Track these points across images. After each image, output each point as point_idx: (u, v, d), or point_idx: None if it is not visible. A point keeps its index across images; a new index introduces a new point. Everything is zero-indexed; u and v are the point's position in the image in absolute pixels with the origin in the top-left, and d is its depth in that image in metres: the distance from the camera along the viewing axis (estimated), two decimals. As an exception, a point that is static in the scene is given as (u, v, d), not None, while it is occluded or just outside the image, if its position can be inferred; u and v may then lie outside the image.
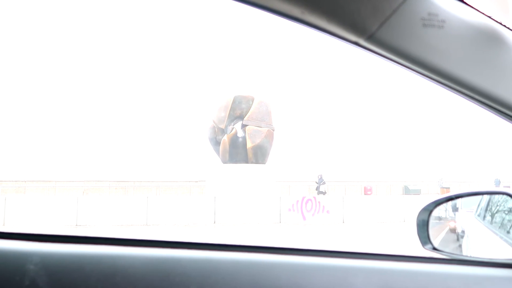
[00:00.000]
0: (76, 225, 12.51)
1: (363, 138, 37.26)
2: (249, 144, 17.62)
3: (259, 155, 17.78)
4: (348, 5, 0.66)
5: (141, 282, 0.90)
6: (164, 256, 0.93)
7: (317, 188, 22.21)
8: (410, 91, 35.81)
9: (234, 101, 18.04)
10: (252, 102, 18.19)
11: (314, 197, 14.25)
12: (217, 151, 18.21)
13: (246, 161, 17.58)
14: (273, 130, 18.55)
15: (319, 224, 13.20)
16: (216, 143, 18.24)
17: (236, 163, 17.41)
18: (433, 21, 0.68)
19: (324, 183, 22.33)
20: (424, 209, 1.31)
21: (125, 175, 25.69)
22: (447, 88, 0.75)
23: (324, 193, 21.57)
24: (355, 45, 0.72)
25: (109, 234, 5.72)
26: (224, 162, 17.72)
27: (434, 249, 1.24)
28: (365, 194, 28.97)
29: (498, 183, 26.89)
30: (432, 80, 0.74)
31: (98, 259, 0.90)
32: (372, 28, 0.67)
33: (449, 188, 25.09)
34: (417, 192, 29.45)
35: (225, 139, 17.80)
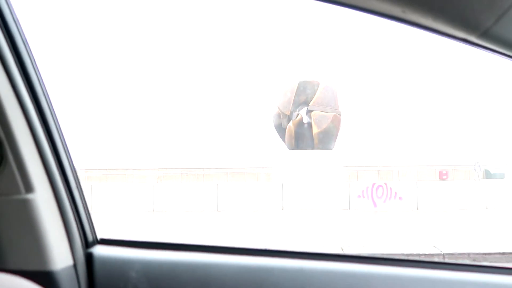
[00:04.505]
0: (153, 210, 13.33)
1: (436, 119, 35.02)
2: (315, 130, 17.40)
3: (325, 140, 17.51)
4: (458, 1, 0.60)
5: None
6: (257, 265, 0.93)
7: None
8: (488, 67, 32.81)
9: (299, 87, 17.86)
10: (317, 87, 17.86)
11: (385, 183, 13.73)
12: (283, 138, 18.23)
13: (313, 147, 17.40)
14: (340, 114, 18.11)
15: (391, 211, 12.72)
16: (282, 129, 18.25)
17: (302, 149, 17.32)
18: None
19: None
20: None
21: (195, 163, 26.79)
22: None
23: None
24: (463, 42, 0.65)
25: (202, 242, 5.96)
26: (290, 149, 17.70)
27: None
28: (440, 179, 27.34)
29: None
30: None
31: (194, 267, 0.93)
32: (487, 24, 0.60)
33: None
34: (500, 176, 27.15)
35: (290, 125, 17.74)
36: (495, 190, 13.31)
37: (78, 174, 1.04)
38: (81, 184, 1.00)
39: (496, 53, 0.67)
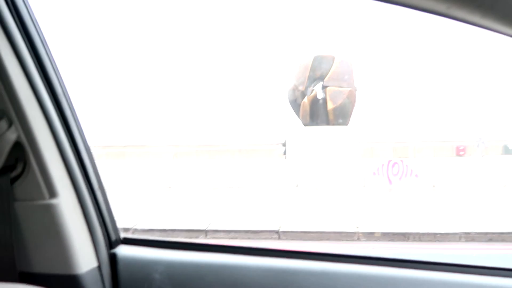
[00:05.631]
0: (170, 187, 13.54)
1: (453, 93, 34.19)
2: (330, 106, 17.21)
3: (340, 116, 17.34)
4: None
5: None
6: (281, 267, 0.93)
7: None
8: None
9: (314, 62, 17.57)
10: (333, 61, 17.54)
11: (401, 160, 13.60)
12: (298, 114, 18.10)
13: (328, 123, 17.27)
14: (355, 90, 17.82)
15: (407, 189, 12.64)
16: (297, 105, 18.09)
17: (317, 125, 17.20)
18: None
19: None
20: None
21: (210, 139, 26.93)
22: None
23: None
24: None
25: (227, 243, 6.07)
26: (305, 125, 17.60)
27: None
28: (457, 155, 26.92)
29: None
30: None
31: (217, 268, 0.93)
32: None
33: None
34: (519, 152, 26.60)
35: (305, 101, 17.57)
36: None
37: (100, 172, 1.04)
38: (102, 180, 1.00)
39: None
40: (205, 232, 7.36)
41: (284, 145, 18.94)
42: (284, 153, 18.86)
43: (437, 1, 0.57)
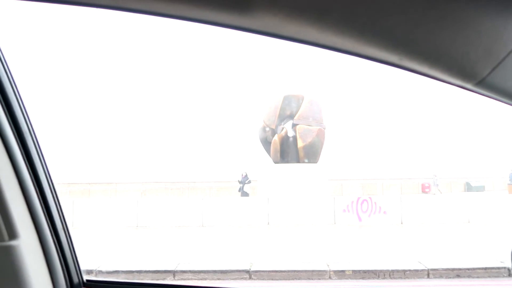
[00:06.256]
0: (137, 226, 13.10)
1: (418, 132, 35.66)
2: (300, 144, 17.48)
3: (310, 154, 17.59)
4: (454, 51, 0.61)
5: None
6: None
7: (240, 189, 18.77)
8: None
9: (284, 101, 17.98)
10: (302, 101, 18.02)
11: (370, 197, 13.83)
12: (268, 151, 18.25)
13: (298, 161, 17.46)
14: (324, 128, 18.26)
15: (376, 226, 12.79)
16: (267, 143, 18.28)
17: (287, 163, 17.35)
18: None
19: (249, 181, 18.79)
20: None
21: (180, 177, 26.53)
22: None
23: (248, 194, 18.45)
24: (461, 88, 0.67)
25: (196, 284, 5.86)
26: (276, 162, 17.72)
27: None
28: (422, 191, 27.72)
29: None
30: None
31: None
32: (483, 73, 0.61)
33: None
34: (480, 189, 27.70)
35: (276, 139, 17.79)
36: (476, 203, 13.53)
37: (64, 212, 1.01)
38: (67, 225, 0.97)
39: (493, 99, 0.68)
40: (173, 273, 7.09)
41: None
42: (256, 190, 18.80)
43: (390, 53, 0.61)
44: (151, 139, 33.74)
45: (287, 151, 17.70)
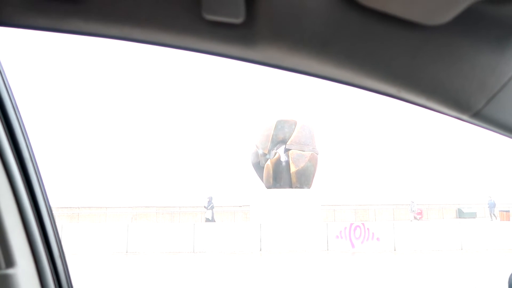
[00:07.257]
0: (127, 252, 12.83)
1: (410, 158, 35.92)
2: (292, 169, 17.48)
3: (303, 179, 17.57)
4: (450, 83, 0.63)
5: None
6: None
7: (206, 215, 18.30)
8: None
9: (276, 126, 18.08)
10: (295, 126, 18.14)
11: (363, 224, 13.76)
12: (261, 176, 18.19)
13: (290, 186, 17.41)
14: (317, 153, 18.32)
15: (369, 252, 12.68)
16: (260, 168, 18.24)
17: (280, 188, 17.29)
18: None
19: (212, 207, 18.25)
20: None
21: (171, 201, 26.24)
22: None
23: (211, 220, 17.84)
24: (458, 119, 0.69)
25: None
26: (268, 187, 17.65)
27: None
28: (413, 218, 27.66)
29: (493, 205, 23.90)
30: None
31: None
32: (478, 105, 0.64)
33: (509, 211, 23.41)
34: (472, 215, 27.75)
35: (268, 164, 17.78)
36: (468, 230, 13.52)
37: (60, 239, 1.00)
38: (64, 250, 0.96)
39: (489, 130, 0.70)
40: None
41: (247, 207, 18.65)
42: (248, 215, 18.59)
43: (388, 85, 0.64)
44: (142, 163, 33.53)
45: (279, 176, 17.66)
